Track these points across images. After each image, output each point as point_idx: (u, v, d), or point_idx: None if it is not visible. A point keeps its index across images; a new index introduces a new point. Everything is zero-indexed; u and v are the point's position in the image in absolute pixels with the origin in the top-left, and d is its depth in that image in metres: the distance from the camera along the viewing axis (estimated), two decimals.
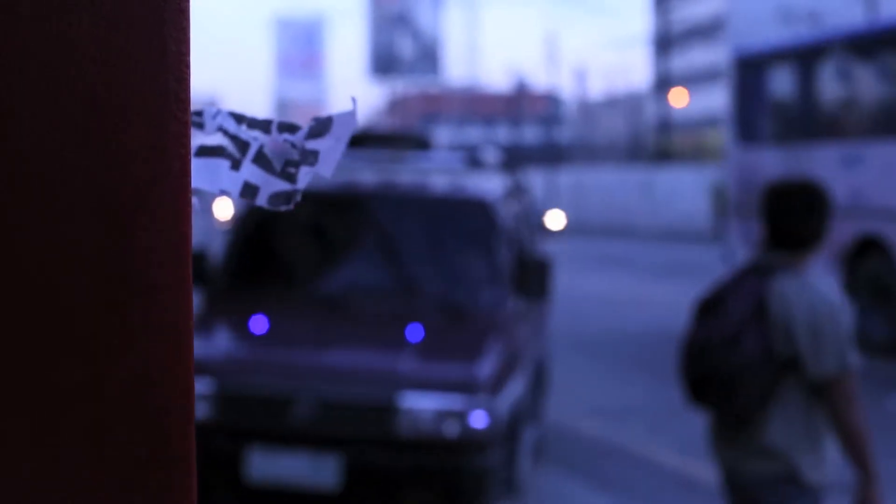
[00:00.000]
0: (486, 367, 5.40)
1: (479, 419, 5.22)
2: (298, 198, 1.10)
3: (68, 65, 0.85)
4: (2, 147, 0.85)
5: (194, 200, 1.17)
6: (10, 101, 0.85)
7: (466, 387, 5.26)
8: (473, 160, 6.88)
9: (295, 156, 1.11)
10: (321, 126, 1.10)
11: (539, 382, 7.42)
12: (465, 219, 6.31)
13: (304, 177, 1.10)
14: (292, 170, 1.10)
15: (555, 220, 39.23)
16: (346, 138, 1.10)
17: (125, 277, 0.87)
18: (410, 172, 6.67)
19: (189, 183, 0.89)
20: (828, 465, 3.57)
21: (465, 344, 5.58)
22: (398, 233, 6.25)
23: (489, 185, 6.63)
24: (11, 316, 0.86)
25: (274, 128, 1.11)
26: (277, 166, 1.10)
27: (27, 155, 0.85)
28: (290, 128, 1.11)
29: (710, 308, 3.57)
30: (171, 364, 0.89)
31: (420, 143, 7.11)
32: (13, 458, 0.86)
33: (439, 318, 5.84)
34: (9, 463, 0.86)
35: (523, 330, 6.39)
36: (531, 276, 6.22)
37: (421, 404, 5.21)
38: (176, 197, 0.88)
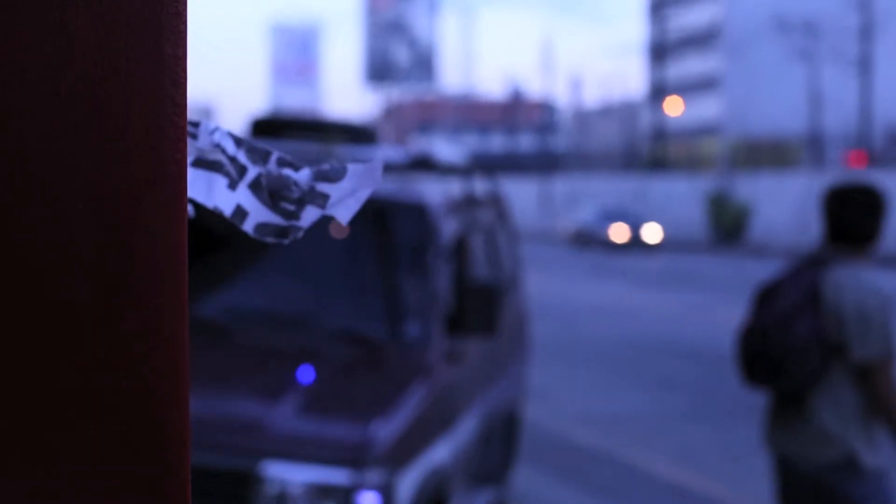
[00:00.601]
0: (388, 427, 4.10)
1: (368, 500, 3.97)
2: (299, 235, 1.11)
3: (65, 67, 0.85)
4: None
5: (189, 208, 1.18)
6: (8, 103, 0.85)
7: (355, 454, 3.97)
8: (421, 160, 5.48)
9: (295, 193, 1.11)
10: (334, 173, 1.10)
11: (505, 438, 6.12)
12: (394, 229, 4.98)
13: (310, 216, 1.10)
14: (290, 206, 1.10)
15: (652, 233, 38.80)
16: (365, 192, 1.10)
17: (121, 281, 0.87)
18: None
19: (185, 189, 0.89)
20: (882, 449, 3.84)
21: (367, 394, 4.27)
22: (307, 244, 4.99)
23: (433, 189, 5.29)
24: (6, 319, 0.85)
25: (273, 160, 1.11)
26: (270, 198, 1.11)
27: (24, 157, 0.85)
28: (290, 164, 1.11)
29: (767, 297, 3.88)
30: (168, 369, 0.88)
31: (359, 136, 5.70)
32: (7, 463, 0.86)
33: (344, 357, 4.56)
34: (3, 467, 0.86)
35: (469, 373, 5.17)
36: (472, 306, 4.85)
37: (291, 476, 3.97)
38: (172, 201, 0.88)
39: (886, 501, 3.76)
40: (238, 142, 1.13)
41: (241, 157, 1.12)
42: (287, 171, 1.11)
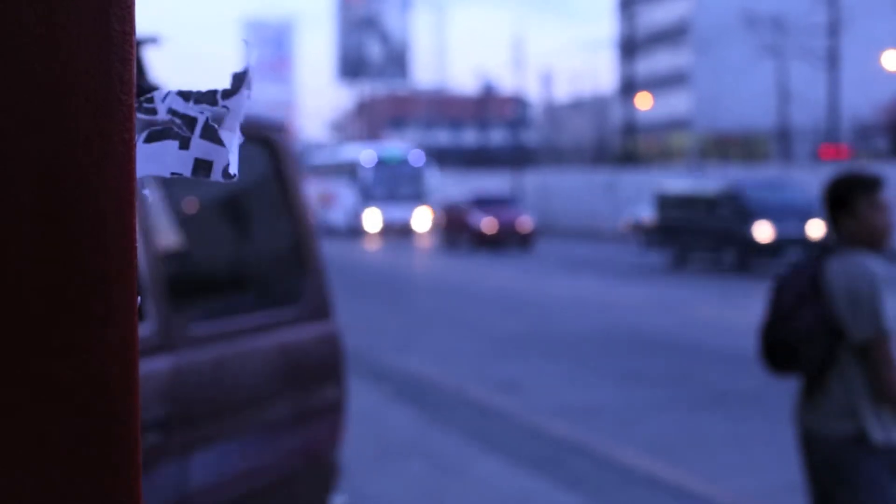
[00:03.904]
0: None
1: None
2: (233, 168, 1.07)
3: (6, 43, 0.81)
4: None
5: (146, 192, 1.16)
6: None
7: None
8: None
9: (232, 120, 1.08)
10: (237, 80, 1.07)
11: None
12: None
13: (231, 140, 1.07)
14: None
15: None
16: (248, 92, 1.07)
17: (66, 266, 0.83)
18: None
19: (134, 169, 0.85)
20: (891, 427, 3.99)
21: None
22: None
23: None
24: None
25: (219, 97, 1.08)
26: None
27: None
28: (232, 93, 1.08)
29: (780, 289, 4.09)
30: (118, 354, 0.85)
31: None
32: None
33: None
34: None
35: None
36: None
37: None
38: (119, 183, 0.84)
39: (893, 479, 3.93)
40: (186, 96, 1.09)
41: (191, 110, 1.07)
42: (227, 102, 1.07)
